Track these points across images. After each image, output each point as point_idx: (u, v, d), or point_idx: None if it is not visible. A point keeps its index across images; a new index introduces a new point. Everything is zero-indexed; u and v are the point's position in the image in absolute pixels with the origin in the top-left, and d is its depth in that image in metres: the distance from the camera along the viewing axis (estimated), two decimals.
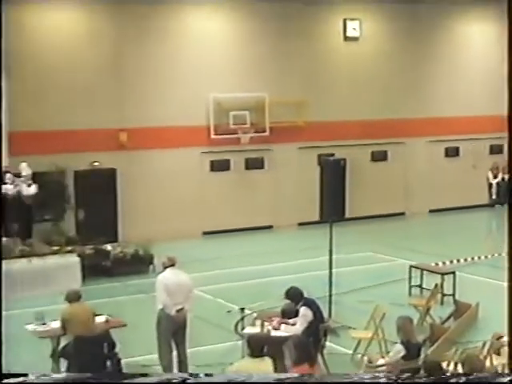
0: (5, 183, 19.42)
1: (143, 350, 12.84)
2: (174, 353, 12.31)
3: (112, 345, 12.34)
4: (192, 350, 12.63)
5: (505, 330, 9.70)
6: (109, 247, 19.85)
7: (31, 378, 7.85)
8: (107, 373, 10.10)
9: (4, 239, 19.07)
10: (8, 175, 19.41)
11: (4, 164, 19.93)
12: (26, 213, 19.40)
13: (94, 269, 18.86)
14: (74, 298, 12.30)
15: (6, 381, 7.83)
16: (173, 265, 12.40)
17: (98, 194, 22.18)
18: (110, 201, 22.53)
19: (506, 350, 11.35)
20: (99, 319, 12.59)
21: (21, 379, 7.80)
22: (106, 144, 22.17)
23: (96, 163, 22.28)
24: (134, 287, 17.16)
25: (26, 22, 21.45)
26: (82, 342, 11.92)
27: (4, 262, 17.58)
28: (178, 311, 12.08)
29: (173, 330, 12.12)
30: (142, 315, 12.83)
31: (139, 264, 19.20)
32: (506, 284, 8.94)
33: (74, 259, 18.50)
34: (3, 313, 9.91)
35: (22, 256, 18.08)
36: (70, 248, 18.69)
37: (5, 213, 19.35)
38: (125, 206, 22.65)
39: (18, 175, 19.57)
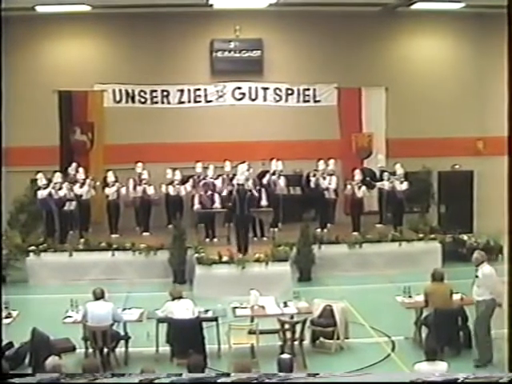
0: (381, 179, 20.07)
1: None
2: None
3: (465, 319, 12.50)
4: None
5: None
6: (465, 237, 19.74)
7: (32, 378, 7.49)
8: None
9: (379, 225, 19.91)
10: (385, 173, 19.92)
11: (382, 164, 20.68)
12: (399, 205, 19.60)
13: (451, 254, 18.84)
14: (438, 277, 12.47)
15: (6, 381, 7.37)
16: None
17: (457, 192, 21.99)
18: (467, 198, 22.23)
19: None
20: (455, 296, 12.68)
21: (23, 379, 7.38)
22: (465, 150, 21.98)
23: (456, 166, 22.24)
24: None
25: (409, 50, 22.16)
26: (440, 314, 12.22)
27: (379, 244, 18.41)
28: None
29: (491, 316, 11.82)
30: None
31: (490, 253, 18.48)
32: None
33: (435, 245, 18.66)
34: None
35: (393, 240, 18.61)
36: (432, 236, 18.87)
37: (382, 204, 20.11)
38: (479, 203, 22.24)
39: (393, 174, 19.84)
